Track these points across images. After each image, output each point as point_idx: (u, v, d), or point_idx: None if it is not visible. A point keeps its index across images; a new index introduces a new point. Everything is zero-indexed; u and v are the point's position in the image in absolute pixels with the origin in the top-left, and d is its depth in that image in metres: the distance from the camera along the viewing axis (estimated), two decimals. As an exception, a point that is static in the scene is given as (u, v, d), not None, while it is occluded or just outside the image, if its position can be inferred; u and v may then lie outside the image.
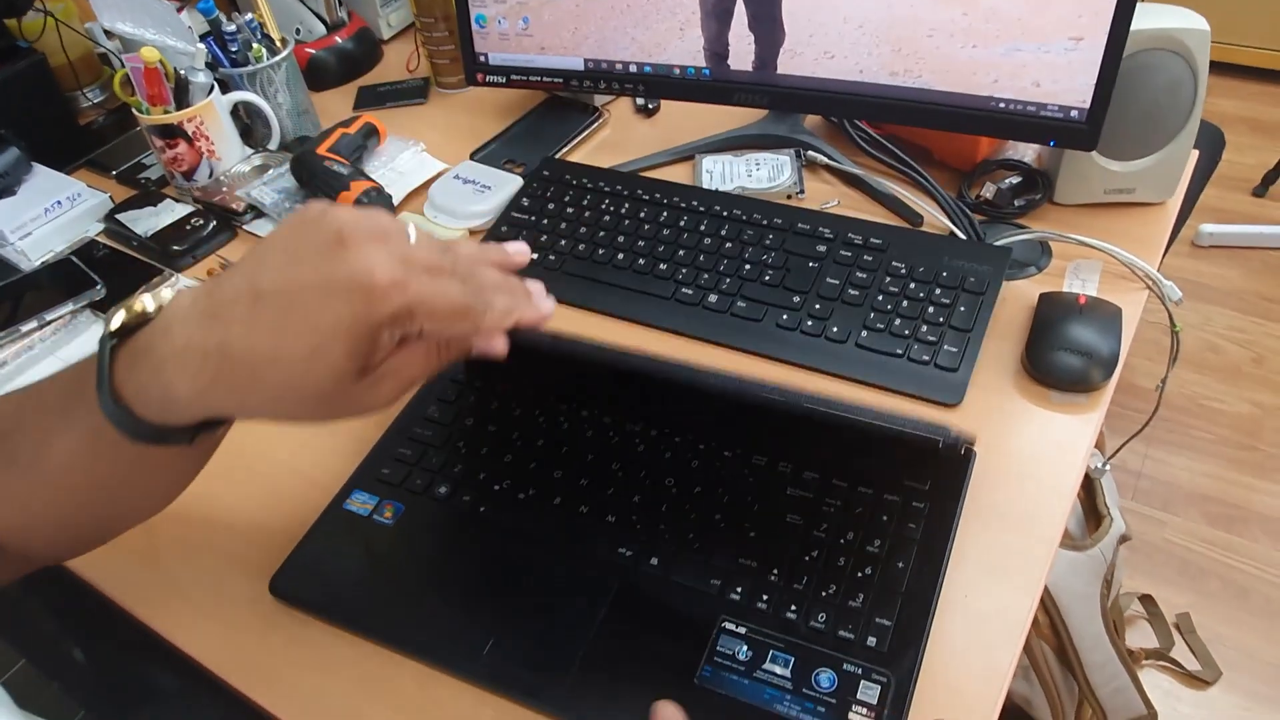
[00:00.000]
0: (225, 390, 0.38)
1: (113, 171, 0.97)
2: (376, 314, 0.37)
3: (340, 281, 0.36)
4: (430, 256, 0.39)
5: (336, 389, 0.38)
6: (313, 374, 0.38)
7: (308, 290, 0.37)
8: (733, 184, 0.83)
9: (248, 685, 0.53)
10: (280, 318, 0.37)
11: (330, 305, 0.36)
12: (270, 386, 0.38)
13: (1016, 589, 0.53)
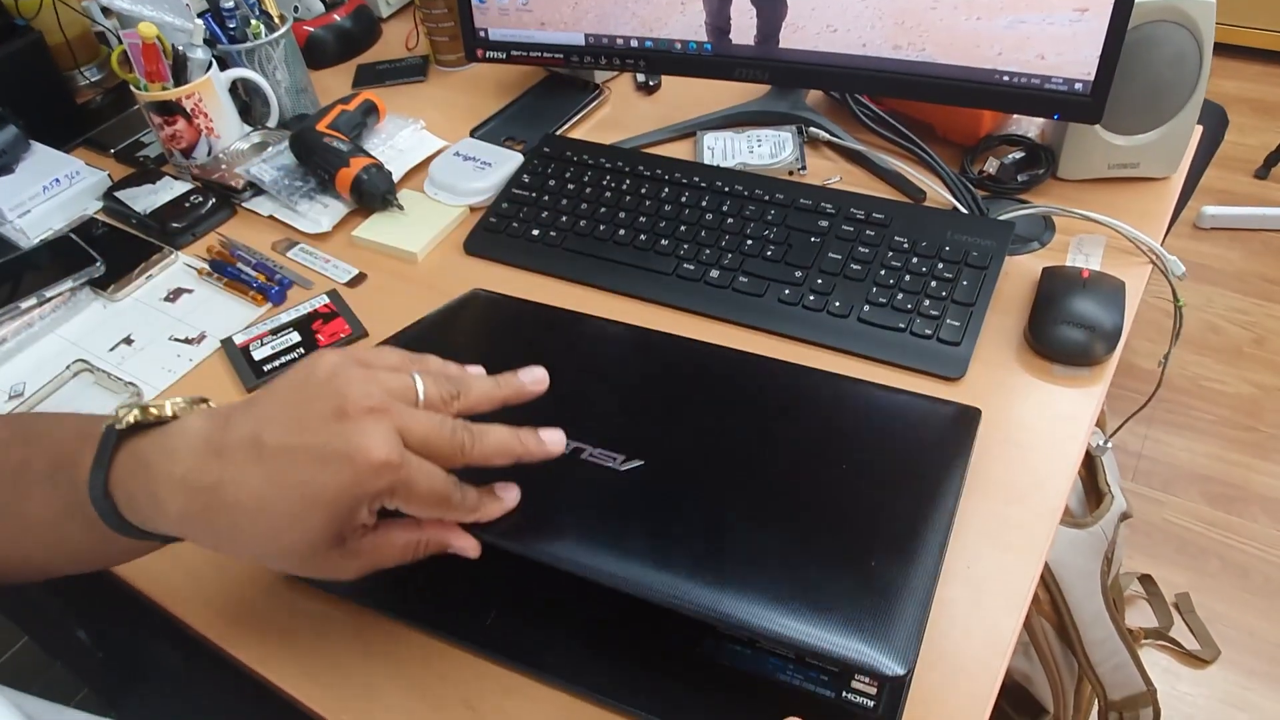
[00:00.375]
0: (206, 527, 0.40)
1: (111, 150, 0.97)
2: (361, 490, 0.38)
3: (334, 454, 0.38)
4: (429, 427, 0.40)
5: (309, 551, 0.40)
6: (290, 534, 0.39)
7: (303, 455, 0.38)
8: (734, 161, 0.82)
9: (250, 657, 0.53)
10: (273, 475, 0.38)
11: (320, 474, 0.38)
12: (249, 537, 0.40)
13: (1019, 559, 0.53)
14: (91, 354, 0.74)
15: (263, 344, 0.72)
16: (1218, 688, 1.25)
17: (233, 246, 0.82)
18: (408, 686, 0.51)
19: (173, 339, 0.75)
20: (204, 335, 0.74)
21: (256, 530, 0.39)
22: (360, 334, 0.72)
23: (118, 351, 0.74)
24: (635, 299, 0.72)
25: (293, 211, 0.83)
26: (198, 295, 0.78)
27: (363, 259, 0.79)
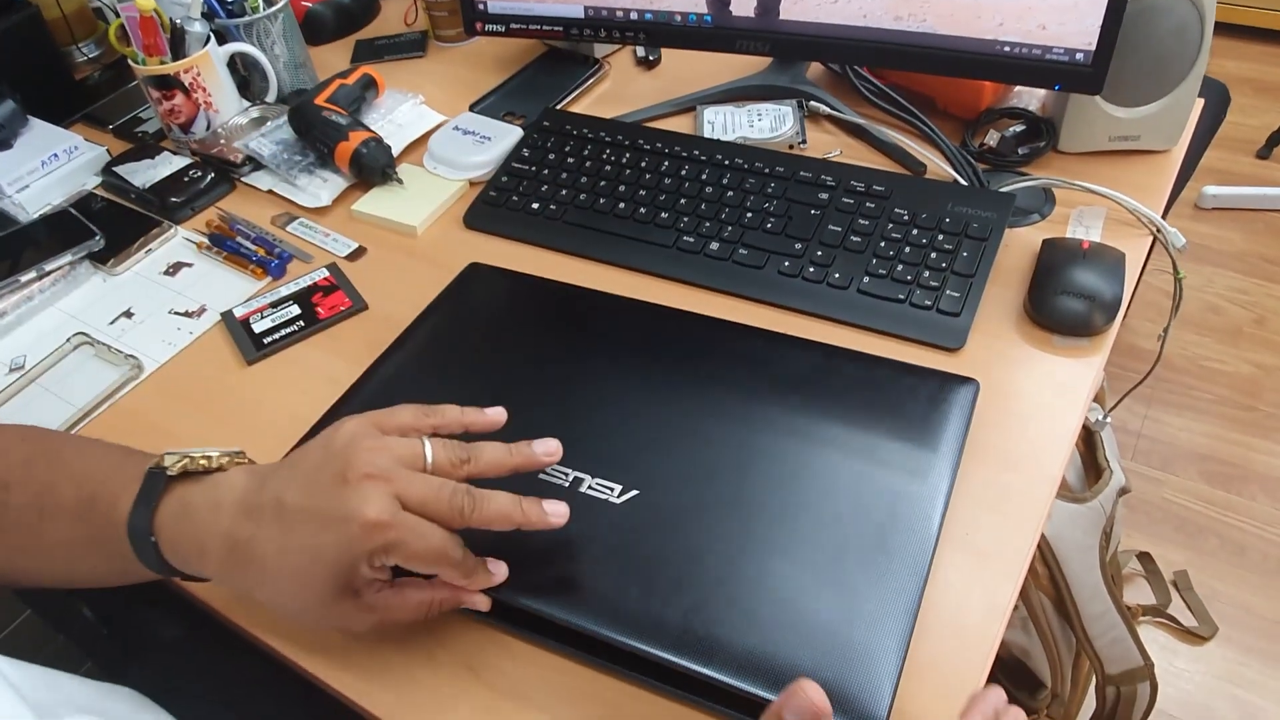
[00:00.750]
0: (240, 578, 0.44)
1: (109, 126, 0.96)
2: (358, 548, 0.42)
3: (334, 516, 0.42)
4: (426, 491, 0.43)
5: (320, 604, 0.44)
6: (301, 588, 0.43)
7: (310, 516, 0.42)
8: (734, 134, 0.82)
9: (252, 625, 0.54)
10: (286, 534, 0.43)
11: (321, 534, 0.42)
12: (271, 589, 0.44)
13: (1017, 526, 0.53)
14: (92, 327, 0.74)
15: (263, 317, 0.72)
16: (1215, 664, 1.26)
17: (232, 221, 0.82)
18: (410, 651, 0.51)
19: (173, 312, 0.75)
20: (204, 308, 0.74)
21: (276, 584, 0.44)
22: (360, 307, 0.72)
23: (118, 324, 0.74)
24: (635, 271, 0.72)
25: (292, 186, 0.83)
26: (197, 269, 0.78)
27: (362, 233, 0.79)
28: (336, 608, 0.44)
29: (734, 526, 0.51)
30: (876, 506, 0.51)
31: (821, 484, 0.52)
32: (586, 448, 0.55)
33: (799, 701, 0.35)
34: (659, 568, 0.49)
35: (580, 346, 0.63)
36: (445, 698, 0.49)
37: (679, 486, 0.53)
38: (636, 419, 0.57)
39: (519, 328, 0.65)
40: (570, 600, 0.49)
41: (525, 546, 0.50)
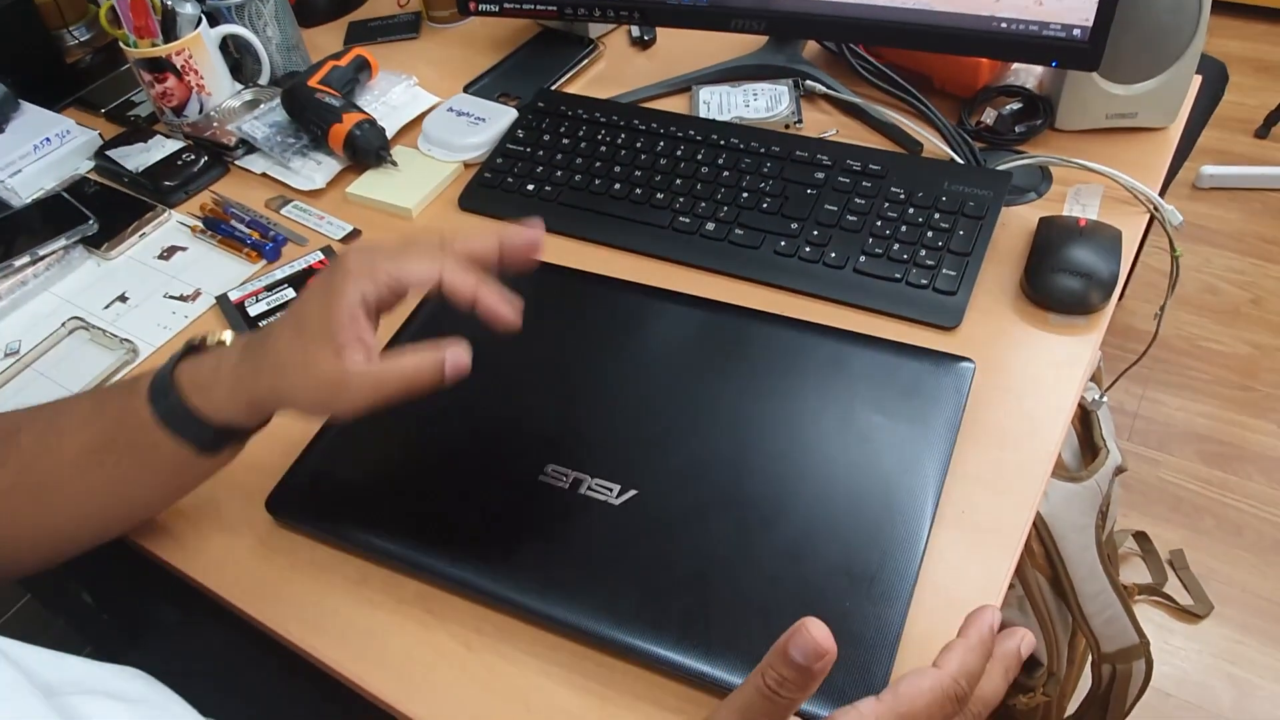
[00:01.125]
0: (257, 365, 0.48)
1: (101, 110, 0.96)
2: (342, 285, 0.46)
3: (322, 284, 0.47)
4: (400, 246, 0.48)
5: (327, 367, 0.46)
6: (306, 354, 0.46)
7: (306, 298, 0.48)
8: (730, 114, 0.82)
9: (249, 608, 0.54)
10: (290, 316, 0.48)
11: (314, 299, 0.47)
12: (289, 368, 0.47)
13: (1013, 503, 0.53)
14: (86, 312, 0.74)
15: (258, 300, 0.72)
16: (1210, 642, 1.26)
17: (226, 204, 0.81)
18: (407, 631, 0.51)
19: (168, 296, 0.74)
20: (199, 292, 0.74)
21: (288, 360, 0.46)
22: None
23: (113, 309, 0.74)
24: (631, 253, 0.72)
25: (286, 169, 0.83)
26: (192, 253, 0.78)
27: (357, 216, 0.79)
28: (336, 374, 0.45)
29: (732, 521, 0.51)
30: (873, 489, 0.51)
31: (819, 470, 0.53)
32: (586, 447, 0.55)
33: (803, 639, 0.34)
34: (658, 567, 0.49)
35: (577, 335, 0.62)
36: (441, 676, 0.49)
37: (677, 484, 0.53)
38: (634, 413, 0.57)
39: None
40: (571, 600, 0.49)
41: (527, 548, 0.51)
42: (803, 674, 0.34)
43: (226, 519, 0.58)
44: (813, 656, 0.33)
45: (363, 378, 0.46)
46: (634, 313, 0.63)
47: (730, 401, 0.56)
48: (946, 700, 0.36)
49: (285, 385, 0.47)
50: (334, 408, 0.47)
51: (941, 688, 0.36)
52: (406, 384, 0.47)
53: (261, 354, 0.48)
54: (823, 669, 0.34)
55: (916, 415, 0.54)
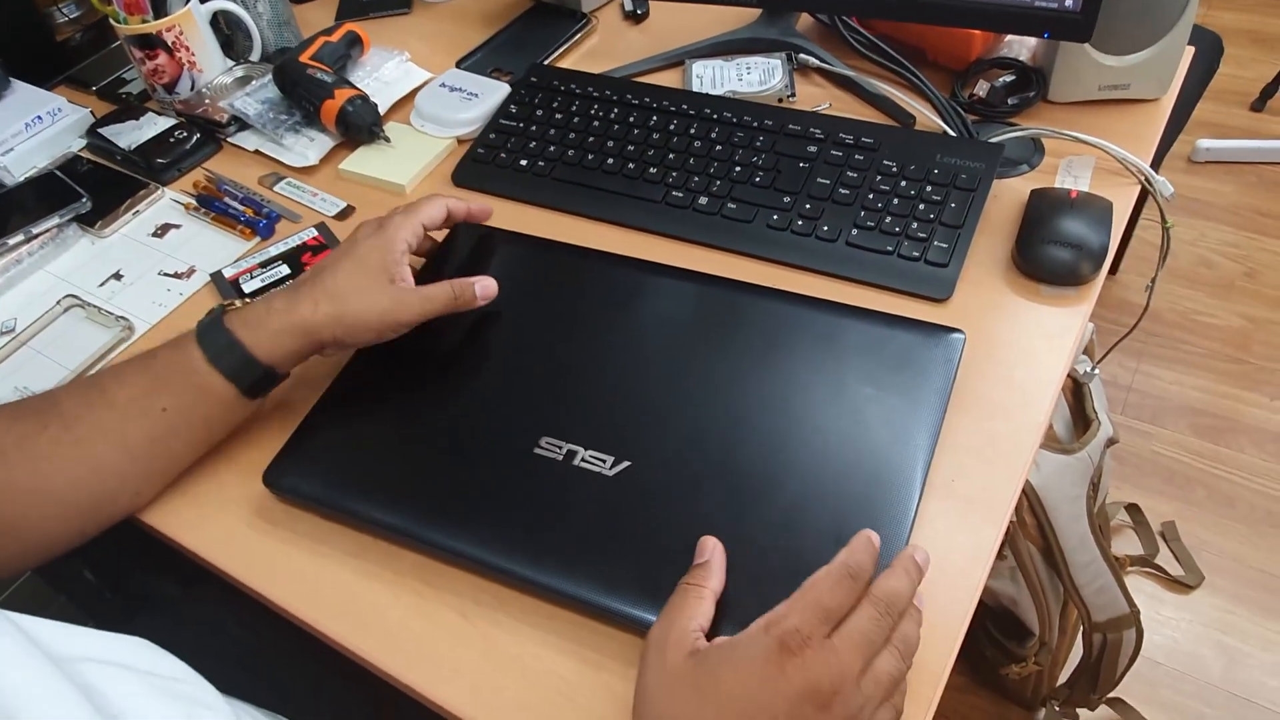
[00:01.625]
0: (319, 303, 0.56)
1: (93, 87, 0.95)
2: (397, 235, 0.59)
3: (379, 230, 0.60)
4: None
5: (386, 292, 0.57)
6: (371, 281, 0.57)
7: (367, 241, 0.59)
8: (723, 88, 0.82)
9: (248, 578, 0.54)
10: (351, 258, 0.58)
11: (374, 241, 0.59)
12: (350, 295, 0.56)
13: (1002, 472, 0.54)
14: (81, 289, 0.74)
15: (252, 277, 0.72)
16: (1201, 612, 1.28)
17: (219, 181, 0.81)
18: (404, 602, 0.52)
19: (162, 274, 0.75)
20: (193, 270, 0.74)
21: (350, 289, 0.57)
22: (350, 265, 0.72)
23: (108, 287, 0.74)
24: (624, 227, 0.72)
25: (278, 145, 0.83)
26: (186, 230, 0.78)
27: (350, 192, 0.79)
28: (390, 291, 0.57)
29: (724, 492, 0.51)
30: (864, 459, 0.52)
31: (810, 441, 0.53)
32: (580, 420, 0.55)
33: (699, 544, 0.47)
34: (652, 537, 0.50)
35: (570, 308, 0.63)
36: (438, 645, 0.50)
37: (670, 456, 0.53)
38: (628, 385, 0.57)
39: (510, 289, 0.65)
40: (566, 569, 0.50)
41: (522, 519, 0.52)
42: (703, 567, 0.46)
43: (224, 493, 0.58)
44: (705, 551, 0.47)
45: (415, 294, 0.58)
46: (627, 287, 0.63)
47: (723, 374, 0.57)
48: (841, 578, 0.42)
49: (347, 310, 0.56)
50: (388, 324, 0.57)
51: (833, 569, 0.42)
52: (449, 299, 0.58)
53: (320, 286, 0.56)
54: (719, 561, 0.46)
55: (907, 387, 0.55)
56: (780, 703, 0.39)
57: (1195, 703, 1.19)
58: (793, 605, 0.41)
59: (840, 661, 0.40)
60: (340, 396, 0.60)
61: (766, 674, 0.39)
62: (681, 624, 0.43)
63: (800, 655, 0.39)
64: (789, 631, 0.40)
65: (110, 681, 0.40)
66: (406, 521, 0.53)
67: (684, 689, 0.41)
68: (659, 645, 0.43)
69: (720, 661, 0.41)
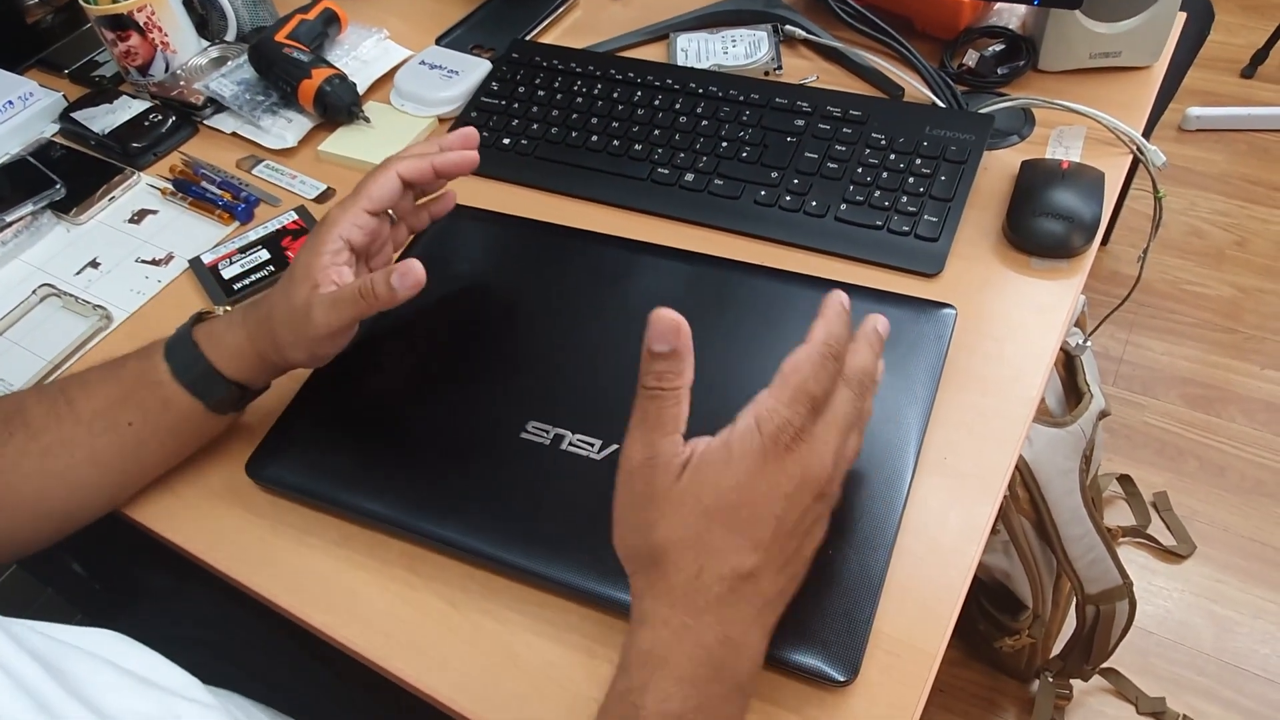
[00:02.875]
0: (261, 324, 0.52)
1: (65, 70, 0.93)
2: (327, 235, 0.53)
3: (314, 232, 0.54)
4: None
5: (300, 300, 0.51)
6: (293, 293, 0.52)
7: (301, 249, 0.54)
8: (708, 62, 0.80)
9: (234, 569, 0.54)
10: (287, 272, 0.53)
11: (305, 248, 0.53)
12: (278, 311, 0.52)
13: (995, 448, 0.53)
14: (57, 278, 0.73)
15: (231, 262, 0.70)
16: (1193, 581, 1.28)
17: (196, 165, 0.80)
18: (391, 591, 0.51)
19: (140, 260, 0.73)
20: (171, 256, 0.73)
21: (279, 304, 0.52)
22: (331, 249, 0.70)
23: (84, 275, 0.73)
24: (610, 206, 0.71)
25: (256, 127, 0.81)
26: (163, 216, 0.77)
27: (330, 174, 0.78)
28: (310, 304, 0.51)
29: None
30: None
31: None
32: (566, 402, 0.55)
33: (658, 327, 0.40)
34: None
35: (556, 290, 0.62)
36: (427, 634, 0.50)
37: None
38: (616, 368, 0.56)
39: (493, 271, 0.64)
40: (556, 555, 0.49)
41: (510, 505, 0.51)
42: (671, 359, 0.39)
43: (208, 484, 0.57)
44: (671, 336, 0.39)
45: (323, 298, 0.51)
46: (613, 266, 0.62)
47: (711, 353, 0.56)
48: (824, 360, 0.40)
49: (277, 328, 0.52)
50: (308, 335, 0.51)
51: (814, 351, 0.40)
52: (354, 301, 0.50)
53: (262, 306, 0.53)
54: (686, 346, 0.40)
55: (898, 363, 0.54)
56: (781, 498, 0.39)
57: (1187, 671, 1.20)
58: (778, 395, 0.39)
59: (829, 448, 0.40)
60: (324, 384, 0.59)
61: (766, 472, 0.39)
62: (663, 442, 0.39)
63: (795, 449, 0.39)
64: (782, 425, 0.39)
65: (89, 672, 0.40)
66: (392, 510, 0.52)
67: (684, 508, 0.39)
68: (643, 471, 0.40)
69: (719, 469, 0.39)
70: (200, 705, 0.43)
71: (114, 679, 0.41)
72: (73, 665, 0.40)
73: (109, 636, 0.45)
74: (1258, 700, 1.17)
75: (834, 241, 0.65)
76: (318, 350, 0.53)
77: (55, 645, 0.40)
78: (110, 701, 0.39)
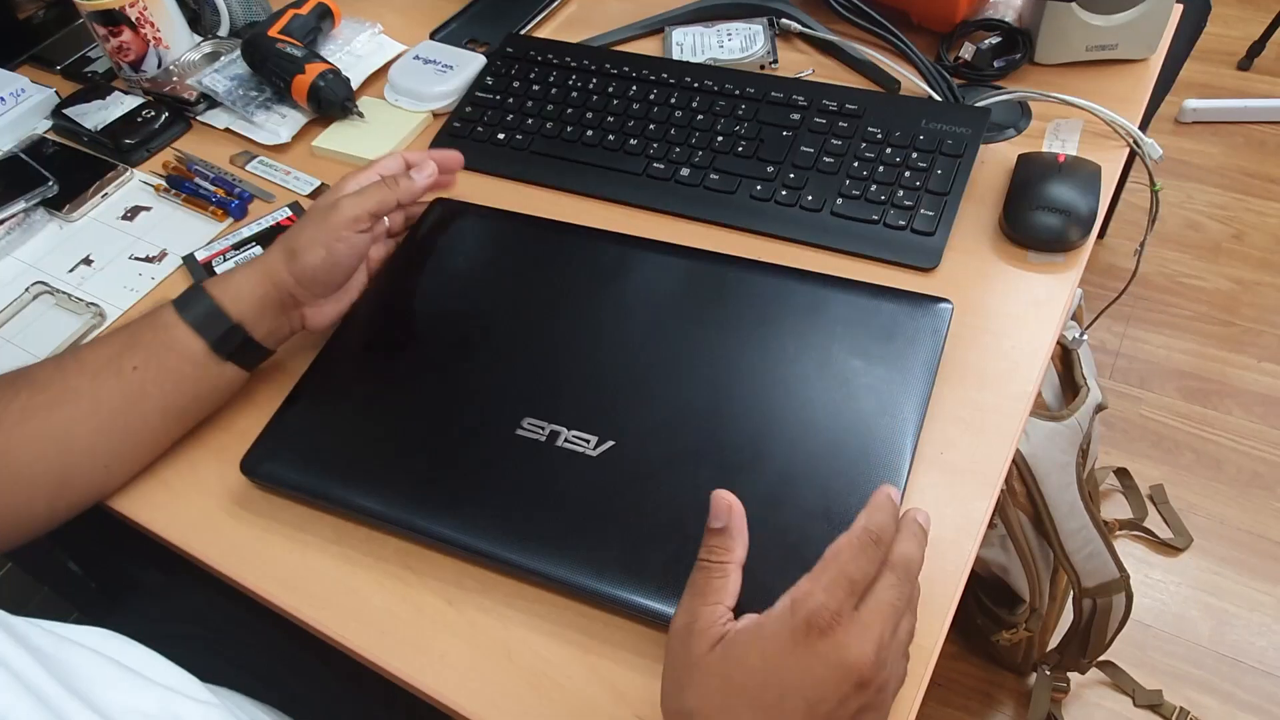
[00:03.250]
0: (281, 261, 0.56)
1: (57, 66, 0.93)
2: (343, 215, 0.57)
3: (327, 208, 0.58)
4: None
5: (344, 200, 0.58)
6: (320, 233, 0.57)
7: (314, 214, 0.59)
8: (704, 56, 0.80)
9: (229, 567, 0.53)
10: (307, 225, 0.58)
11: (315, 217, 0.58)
12: (316, 210, 0.58)
13: (992, 443, 0.53)
14: (51, 275, 0.72)
15: (225, 259, 0.70)
16: (1190, 574, 1.29)
17: (190, 161, 0.79)
18: (387, 588, 0.51)
19: (133, 258, 0.73)
20: (165, 253, 0.73)
21: (311, 214, 0.58)
22: (325, 245, 0.70)
23: (77, 272, 0.72)
24: (605, 201, 0.71)
25: (249, 123, 0.81)
26: (156, 213, 0.76)
27: (324, 170, 0.77)
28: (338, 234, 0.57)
29: (711, 469, 0.50)
30: (852, 432, 0.51)
31: (797, 415, 0.52)
32: (562, 398, 0.54)
33: (714, 505, 0.42)
34: (638, 516, 0.49)
35: (551, 285, 0.61)
36: (423, 631, 0.49)
37: (655, 434, 0.52)
38: (611, 362, 0.56)
39: (490, 267, 0.64)
40: (552, 552, 0.49)
41: (506, 501, 0.51)
42: (721, 535, 0.41)
43: (201, 481, 0.57)
44: (724, 515, 0.42)
45: (349, 190, 0.58)
46: (609, 262, 0.62)
47: (707, 349, 0.56)
48: (864, 545, 0.40)
49: (299, 232, 0.57)
50: (332, 225, 0.56)
51: (855, 537, 0.40)
52: (383, 184, 0.59)
53: (286, 238, 0.57)
54: (737, 527, 0.42)
55: (895, 358, 0.54)
56: (814, 683, 0.37)
57: (1184, 664, 1.20)
58: (817, 579, 0.39)
59: (871, 635, 0.38)
60: (318, 380, 0.59)
61: (797, 655, 0.38)
62: (704, 611, 0.40)
63: (831, 634, 0.38)
64: (817, 609, 0.38)
65: (89, 670, 0.40)
66: (388, 507, 0.52)
67: (713, 679, 0.39)
68: (682, 635, 0.40)
69: (748, 647, 0.39)
70: (200, 703, 0.43)
71: (114, 676, 0.41)
72: (73, 663, 0.39)
73: (108, 635, 0.45)
74: (1255, 693, 1.17)
75: (830, 236, 0.64)
76: (335, 250, 0.56)
77: (56, 641, 0.40)
78: (111, 699, 0.39)
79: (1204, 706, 1.16)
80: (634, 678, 0.47)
